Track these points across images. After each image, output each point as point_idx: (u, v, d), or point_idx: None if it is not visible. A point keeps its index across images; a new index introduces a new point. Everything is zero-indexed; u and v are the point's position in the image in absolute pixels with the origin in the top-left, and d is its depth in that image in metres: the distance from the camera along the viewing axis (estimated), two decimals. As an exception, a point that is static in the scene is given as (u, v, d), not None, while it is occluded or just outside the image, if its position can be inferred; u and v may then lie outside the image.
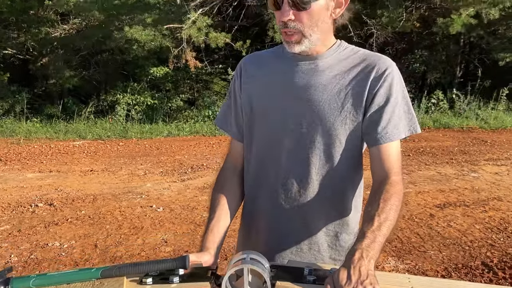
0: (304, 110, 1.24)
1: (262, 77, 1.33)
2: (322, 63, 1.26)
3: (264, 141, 1.32)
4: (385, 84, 1.21)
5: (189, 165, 6.73)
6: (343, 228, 1.33)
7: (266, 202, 1.34)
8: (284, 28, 1.18)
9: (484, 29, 13.70)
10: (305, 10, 1.14)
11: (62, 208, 4.78)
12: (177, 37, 10.02)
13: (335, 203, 1.31)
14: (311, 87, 1.24)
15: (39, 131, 9.85)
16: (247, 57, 1.41)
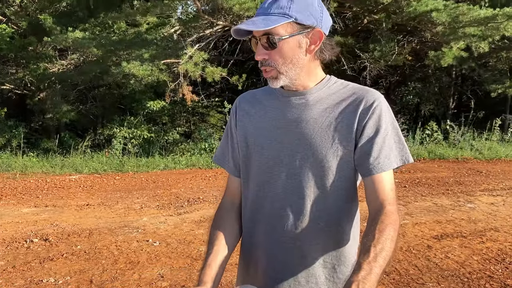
0: (297, 144, 1.29)
1: (256, 114, 1.39)
2: (311, 98, 1.31)
3: (260, 176, 1.36)
4: (373, 116, 1.26)
5: (185, 198, 6.71)
6: (341, 260, 1.35)
7: (263, 236, 1.36)
8: (261, 66, 1.27)
9: (475, 62, 13.99)
10: (274, 49, 1.23)
11: (58, 243, 4.74)
12: (174, 71, 10.17)
13: (332, 235, 1.32)
14: (302, 121, 1.29)
15: (35, 166, 9.84)
16: (242, 95, 1.48)
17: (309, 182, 1.29)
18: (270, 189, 1.33)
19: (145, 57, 9.38)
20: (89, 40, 9.95)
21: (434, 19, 9.83)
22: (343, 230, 1.34)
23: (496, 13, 9.45)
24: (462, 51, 11.08)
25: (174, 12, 10.66)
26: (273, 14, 1.21)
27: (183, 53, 9.62)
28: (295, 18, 1.21)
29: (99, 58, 10.74)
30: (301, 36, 1.23)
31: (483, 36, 10.20)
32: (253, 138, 1.36)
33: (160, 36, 10.91)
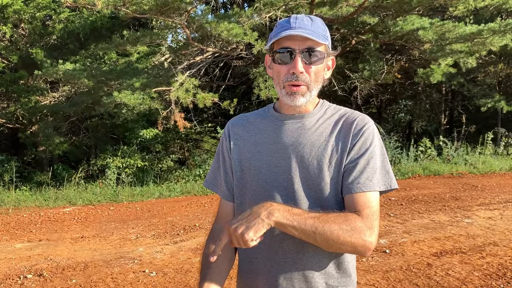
0: (295, 167, 1.29)
1: (250, 137, 1.38)
2: (308, 122, 1.33)
3: (257, 201, 1.33)
4: (361, 139, 1.29)
5: (181, 226, 6.64)
6: (343, 281, 1.35)
7: (264, 262, 1.34)
8: (294, 80, 1.27)
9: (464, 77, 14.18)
10: (314, 65, 1.27)
11: (52, 278, 4.64)
12: (165, 99, 10.20)
13: (333, 257, 1.32)
14: (299, 145, 1.30)
15: (28, 199, 9.73)
16: (234, 119, 1.48)
17: (308, 205, 1.29)
18: None
19: (136, 86, 9.41)
20: (80, 71, 9.99)
21: (421, 37, 9.97)
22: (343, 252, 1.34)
23: (482, 28, 9.61)
24: (450, 67, 11.23)
25: (164, 41, 10.76)
26: (317, 32, 1.26)
27: (174, 80, 9.67)
28: (328, 42, 1.29)
29: (90, 89, 10.76)
30: (326, 60, 1.31)
31: (470, 52, 10.35)
32: (248, 162, 1.36)
33: (150, 64, 10.99)
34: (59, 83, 12.22)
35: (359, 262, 4.58)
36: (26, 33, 12.84)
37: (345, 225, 1.17)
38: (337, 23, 11.19)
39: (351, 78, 12.09)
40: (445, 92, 17.73)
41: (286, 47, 1.25)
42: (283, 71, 1.27)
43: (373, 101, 16.74)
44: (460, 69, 11.92)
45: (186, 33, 9.66)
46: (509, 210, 6.50)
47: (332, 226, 1.16)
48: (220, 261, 1.33)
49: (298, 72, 1.25)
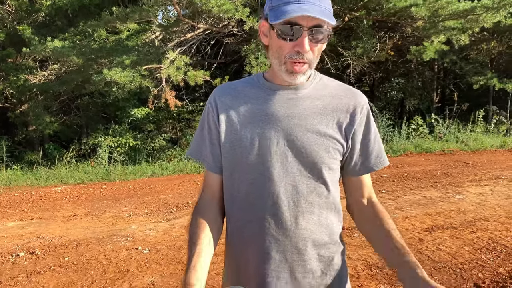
0: (289, 139, 1.26)
1: (240, 107, 1.33)
2: (302, 94, 1.30)
3: (248, 172, 1.31)
4: (364, 119, 1.32)
5: (174, 204, 6.64)
6: (335, 252, 1.35)
7: (255, 234, 1.32)
8: (299, 58, 1.21)
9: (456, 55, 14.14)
10: (320, 43, 1.22)
11: (45, 256, 4.63)
12: (156, 77, 10.08)
13: (325, 229, 1.32)
14: (294, 116, 1.27)
15: (19, 179, 9.67)
16: (220, 88, 1.40)
17: (302, 177, 1.28)
18: (261, 186, 1.29)
19: (126, 64, 9.28)
20: (69, 49, 9.83)
21: (414, 14, 9.89)
22: (334, 223, 1.36)
23: (475, 5, 9.54)
24: (443, 44, 11.17)
25: (154, 18, 10.58)
26: (326, 9, 1.19)
27: (165, 58, 9.55)
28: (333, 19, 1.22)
29: (80, 67, 10.61)
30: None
31: (463, 29, 10.30)
32: (238, 133, 1.31)
33: (141, 42, 10.83)
34: (48, 61, 12.03)
35: (351, 237, 4.62)
36: (12, 10, 12.57)
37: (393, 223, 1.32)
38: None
39: (344, 55, 12.01)
40: (437, 70, 17.71)
41: (294, 22, 1.17)
42: (287, 47, 1.21)
43: (365, 79, 16.72)
44: (452, 47, 11.87)
45: (176, 10, 9.50)
46: (499, 186, 6.56)
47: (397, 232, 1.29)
48: (208, 234, 1.29)
49: (305, 51, 1.19)
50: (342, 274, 1.38)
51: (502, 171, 7.69)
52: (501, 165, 8.34)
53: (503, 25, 11.89)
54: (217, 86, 1.45)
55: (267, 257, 1.31)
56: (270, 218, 1.29)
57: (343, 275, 1.38)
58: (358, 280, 3.61)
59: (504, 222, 4.87)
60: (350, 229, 4.88)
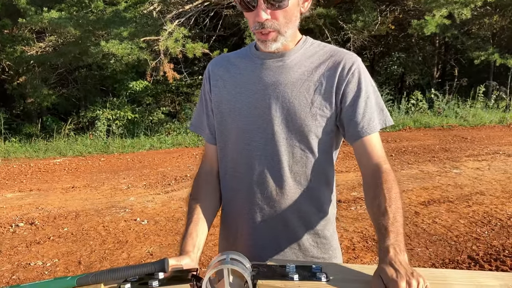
0: (275, 108, 1.24)
1: (230, 78, 1.32)
2: (289, 60, 1.26)
3: (237, 142, 1.30)
4: (353, 80, 1.23)
5: (172, 176, 6.66)
6: (323, 225, 1.33)
7: (244, 204, 1.32)
8: (260, 28, 1.17)
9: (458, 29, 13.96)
10: (282, 8, 1.14)
11: (44, 227, 4.68)
12: (154, 49, 9.98)
13: (312, 200, 1.30)
14: (280, 84, 1.24)
15: (18, 151, 9.68)
16: (214, 59, 1.41)
17: (288, 147, 1.25)
18: (248, 155, 1.28)
19: (124, 36, 9.17)
20: (66, 20, 9.70)
21: (416, -13, 9.73)
22: (323, 195, 1.32)
23: (478, -22, 9.38)
24: (445, 18, 11.02)
25: (152, -12, 10.40)
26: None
27: (163, 29, 9.43)
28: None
29: (77, 39, 10.49)
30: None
31: (465, 3, 10.15)
32: (228, 103, 1.30)
33: (139, 14, 10.66)
34: (45, 32, 11.88)
35: (348, 210, 4.66)
36: (8, -20, 12.34)
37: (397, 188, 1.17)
38: (331, -29, 10.88)
39: (344, 29, 11.86)
40: (438, 45, 17.54)
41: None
42: (250, 19, 1.18)
43: (366, 53, 16.56)
44: (454, 21, 11.72)
45: (175, -20, 9.34)
46: (496, 161, 6.58)
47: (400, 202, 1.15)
48: (207, 203, 1.31)
49: (261, 20, 1.14)
50: (333, 247, 1.36)
51: (500, 146, 7.71)
52: (499, 140, 8.35)
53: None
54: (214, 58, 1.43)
55: (254, 228, 1.32)
56: (256, 187, 1.29)
57: (333, 248, 1.36)
58: (354, 252, 3.65)
59: (500, 196, 4.90)
60: (347, 202, 4.92)
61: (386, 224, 1.07)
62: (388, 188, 1.15)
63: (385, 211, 1.10)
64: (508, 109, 12.43)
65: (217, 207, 1.37)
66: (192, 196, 1.33)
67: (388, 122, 1.28)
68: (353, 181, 5.73)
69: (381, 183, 1.17)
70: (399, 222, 1.08)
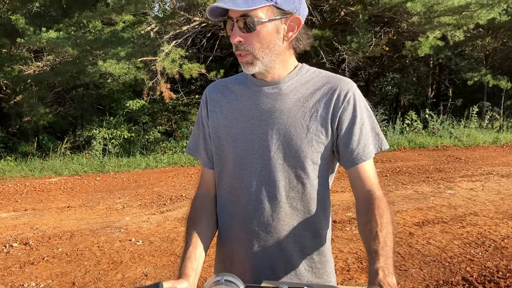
0: (271, 134, 1.27)
1: (227, 103, 1.35)
2: (285, 87, 1.29)
3: (234, 168, 1.33)
4: (348, 107, 1.26)
5: (168, 196, 6.67)
6: (318, 250, 1.34)
7: (240, 228, 1.34)
8: (236, 50, 1.22)
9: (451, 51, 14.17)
10: (252, 32, 1.18)
11: (38, 247, 4.66)
12: (151, 69, 10.07)
13: (308, 225, 1.32)
14: (276, 111, 1.27)
15: (13, 170, 9.66)
16: (212, 85, 1.44)
17: (284, 172, 1.27)
18: (245, 181, 1.31)
19: (121, 55, 9.26)
20: (64, 40, 9.79)
21: (409, 10, 9.91)
22: (318, 220, 1.33)
23: (470, 1, 9.57)
24: (438, 40, 11.21)
25: (150, 10, 10.54)
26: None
27: (160, 50, 9.53)
28: (275, 2, 1.17)
29: (75, 58, 10.57)
30: (280, 22, 1.20)
31: (458, 25, 10.33)
32: (225, 129, 1.33)
33: (136, 34, 10.78)
34: (43, 52, 11.96)
35: (343, 231, 4.67)
36: (7, 0, 12.48)
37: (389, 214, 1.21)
38: (326, -6, 11.07)
39: (339, 50, 12.01)
40: (432, 65, 17.76)
41: (228, 16, 1.20)
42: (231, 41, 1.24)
43: (361, 73, 16.73)
44: (447, 43, 11.91)
45: (172, 2, 9.47)
46: (490, 181, 6.62)
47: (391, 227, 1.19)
48: (204, 227, 1.33)
49: (234, 42, 1.20)
50: (327, 272, 1.37)
51: (493, 167, 7.77)
52: (493, 161, 8.41)
53: (497, 22, 11.94)
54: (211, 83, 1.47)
55: (251, 252, 1.33)
56: (252, 213, 1.31)
57: (328, 273, 1.37)
58: (348, 273, 3.66)
59: (493, 217, 4.93)
60: (342, 222, 4.93)
61: (376, 248, 1.10)
62: (380, 214, 1.18)
63: (376, 236, 1.13)
64: (501, 130, 12.54)
65: (214, 231, 1.39)
66: (190, 220, 1.35)
67: (383, 146, 1.31)
68: (348, 202, 5.75)
69: (373, 209, 1.20)
70: (389, 246, 1.11)
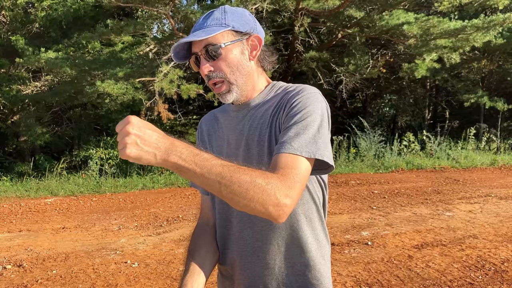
0: (247, 154, 1.29)
1: (214, 133, 1.42)
2: (253, 107, 1.32)
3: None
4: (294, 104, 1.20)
5: (164, 217, 6.60)
6: (310, 266, 1.32)
7: (234, 252, 1.36)
8: (209, 80, 1.26)
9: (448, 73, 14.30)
10: (218, 58, 1.23)
11: (32, 269, 4.58)
12: (150, 90, 10.10)
13: (292, 242, 1.30)
14: (246, 130, 1.30)
15: (8, 190, 9.58)
16: (204, 117, 1.51)
17: None
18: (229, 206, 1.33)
19: (119, 76, 9.29)
20: (63, 60, 9.83)
21: (406, 32, 10.03)
22: (305, 234, 1.30)
23: (465, 24, 9.70)
24: (435, 62, 11.33)
25: (149, 31, 10.64)
26: (210, 25, 1.23)
27: (159, 71, 9.58)
28: (232, 26, 1.23)
29: (73, 78, 10.61)
30: (241, 43, 1.25)
31: (454, 48, 10.45)
32: None
33: (135, 55, 10.86)
34: (41, 72, 12.02)
35: (342, 254, 4.61)
36: (7, 21, 12.58)
37: (259, 178, 1.02)
38: (323, 17, 11.20)
39: (336, 72, 12.11)
40: (429, 87, 17.90)
41: (192, 52, 1.26)
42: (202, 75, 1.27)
43: (358, 95, 16.83)
44: (444, 65, 12.04)
45: (171, 23, 9.56)
46: (489, 203, 6.60)
47: (243, 177, 1.01)
48: (203, 254, 1.33)
49: (205, 72, 1.23)
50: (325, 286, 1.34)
51: (491, 188, 7.74)
52: (491, 182, 8.39)
53: (493, 45, 12.08)
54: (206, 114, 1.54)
55: (244, 274, 1.34)
56: (240, 235, 1.33)
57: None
58: (347, 297, 3.60)
59: (493, 240, 4.89)
60: (341, 245, 4.88)
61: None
62: (255, 169, 1.06)
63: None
64: (499, 151, 12.56)
65: (215, 256, 1.39)
66: (189, 251, 1.37)
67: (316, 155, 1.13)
68: (346, 224, 5.71)
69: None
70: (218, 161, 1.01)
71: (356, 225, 5.64)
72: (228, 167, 1.01)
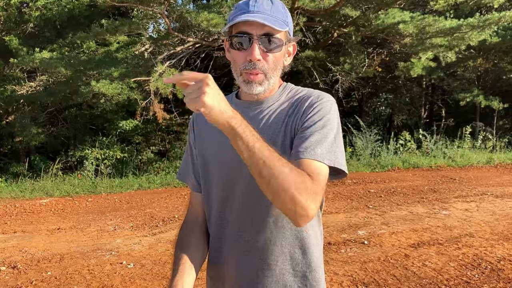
0: None
1: (211, 127, 1.30)
2: (265, 108, 1.30)
3: (221, 191, 1.33)
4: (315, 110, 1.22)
5: (160, 218, 6.58)
6: (311, 266, 1.32)
7: (229, 251, 1.33)
8: (251, 68, 1.21)
9: (443, 71, 14.32)
10: (273, 52, 1.21)
11: (27, 271, 4.55)
12: (145, 89, 10.06)
13: (295, 242, 1.30)
14: (261, 127, 1.27)
15: (3, 191, 9.53)
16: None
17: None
18: (229, 201, 1.31)
19: (114, 76, 9.25)
20: (57, 60, 9.78)
21: (402, 31, 10.02)
22: (308, 235, 1.31)
23: (461, 23, 9.70)
24: (431, 61, 11.33)
25: (144, 31, 10.60)
26: (277, 18, 1.20)
27: (154, 70, 9.54)
28: (289, 29, 1.24)
29: (68, 78, 10.55)
30: (287, 47, 1.27)
31: (449, 46, 10.45)
32: (210, 152, 1.34)
33: (130, 54, 10.81)
34: (36, 72, 11.94)
35: (338, 253, 4.60)
36: (1, 21, 12.51)
37: (298, 176, 1.05)
38: (319, 16, 11.18)
39: (332, 71, 12.10)
40: (425, 86, 17.92)
41: (244, 32, 1.19)
42: (241, 58, 1.22)
43: (354, 94, 16.84)
44: (440, 63, 12.05)
45: (166, 23, 9.53)
46: (485, 202, 6.60)
47: (285, 168, 1.03)
48: (192, 253, 1.31)
49: (255, 59, 1.19)
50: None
51: (488, 187, 7.75)
52: (487, 181, 8.40)
53: (488, 43, 12.10)
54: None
55: (241, 275, 1.32)
56: (240, 234, 1.30)
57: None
58: (343, 296, 3.58)
59: (489, 238, 4.89)
60: (337, 244, 4.87)
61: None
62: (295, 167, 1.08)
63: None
64: (495, 150, 12.58)
65: (204, 253, 1.38)
66: (177, 246, 1.34)
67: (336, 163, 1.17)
68: (343, 223, 5.70)
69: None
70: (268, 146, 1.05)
71: (353, 224, 5.63)
72: (274, 153, 1.05)
